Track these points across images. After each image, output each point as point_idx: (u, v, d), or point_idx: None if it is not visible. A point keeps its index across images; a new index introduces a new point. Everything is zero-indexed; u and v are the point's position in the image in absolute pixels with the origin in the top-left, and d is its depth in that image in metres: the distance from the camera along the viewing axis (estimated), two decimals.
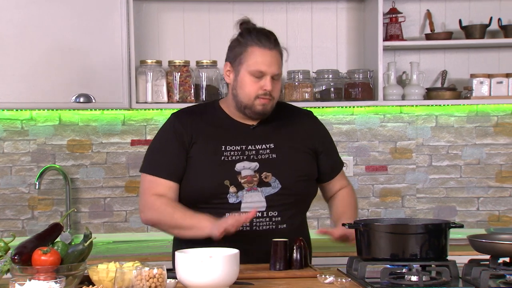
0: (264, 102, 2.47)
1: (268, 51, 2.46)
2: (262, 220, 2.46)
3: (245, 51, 2.47)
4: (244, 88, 2.48)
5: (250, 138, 2.52)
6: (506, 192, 3.94)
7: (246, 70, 2.47)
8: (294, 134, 2.57)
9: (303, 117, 2.65)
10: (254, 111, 2.49)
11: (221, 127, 2.54)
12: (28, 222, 3.79)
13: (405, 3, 3.89)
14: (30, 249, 2.00)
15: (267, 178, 2.47)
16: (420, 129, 3.92)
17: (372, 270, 2.16)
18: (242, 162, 2.48)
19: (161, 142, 2.57)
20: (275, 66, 2.46)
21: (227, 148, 2.50)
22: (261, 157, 2.49)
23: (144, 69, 3.64)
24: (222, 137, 2.52)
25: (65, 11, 3.47)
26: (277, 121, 2.57)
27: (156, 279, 1.88)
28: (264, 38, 2.46)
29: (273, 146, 2.52)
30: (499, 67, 3.90)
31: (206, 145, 2.50)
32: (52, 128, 3.78)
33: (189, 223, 2.42)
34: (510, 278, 2.05)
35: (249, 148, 2.50)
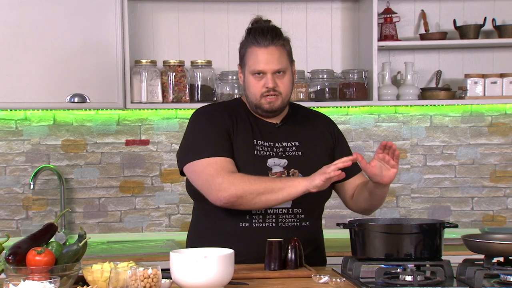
0: (270, 100, 2.48)
1: (264, 48, 2.45)
2: (287, 217, 2.47)
3: (246, 53, 2.50)
4: (250, 89, 2.51)
5: (276, 135, 2.54)
6: (500, 192, 3.95)
7: (248, 71, 2.50)
8: (316, 133, 2.60)
9: (322, 118, 2.68)
10: (262, 110, 2.51)
11: (249, 122, 2.54)
12: (23, 222, 3.78)
13: (399, 3, 3.89)
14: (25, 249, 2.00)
15: (294, 175, 2.48)
16: (414, 129, 3.93)
17: (366, 270, 2.16)
18: (272, 158, 2.49)
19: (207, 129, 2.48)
20: (273, 62, 2.45)
21: (258, 142, 2.51)
22: (289, 154, 2.51)
23: (138, 69, 3.64)
24: (253, 132, 2.52)
25: (59, 11, 3.47)
26: (300, 121, 2.60)
27: (151, 279, 1.88)
28: (260, 36, 2.46)
29: (298, 144, 2.54)
30: (493, 67, 3.91)
31: (241, 137, 2.50)
32: (47, 128, 3.78)
33: (280, 184, 2.35)
34: (504, 278, 2.05)
35: (276, 145, 2.52)
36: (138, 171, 3.83)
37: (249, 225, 2.46)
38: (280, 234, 2.39)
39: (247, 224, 2.46)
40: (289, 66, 2.52)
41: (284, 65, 2.48)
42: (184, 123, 3.84)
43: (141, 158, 3.83)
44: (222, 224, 2.48)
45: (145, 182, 3.84)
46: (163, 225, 3.84)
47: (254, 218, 2.46)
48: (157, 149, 3.84)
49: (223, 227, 2.48)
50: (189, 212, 3.85)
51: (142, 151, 3.83)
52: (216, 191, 2.37)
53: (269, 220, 2.46)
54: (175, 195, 3.85)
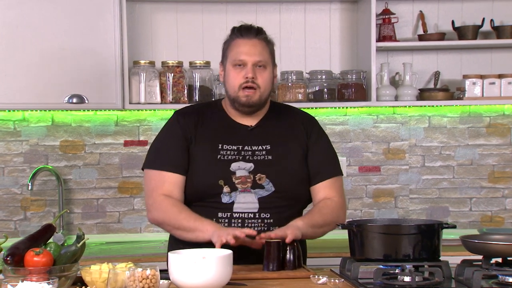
0: (248, 93, 2.47)
1: (248, 40, 2.48)
2: (254, 221, 2.46)
3: (229, 46, 2.53)
4: (229, 80, 2.51)
5: (247, 138, 2.53)
6: (498, 192, 3.95)
7: (230, 63, 2.51)
8: (291, 136, 2.57)
9: (304, 119, 2.63)
10: (239, 103, 2.50)
11: (220, 126, 2.55)
12: (21, 223, 3.78)
13: (398, 4, 3.89)
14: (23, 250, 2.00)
15: (261, 180, 2.47)
16: (413, 129, 3.93)
17: (365, 270, 2.16)
18: (237, 162, 2.49)
19: (165, 138, 2.58)
20: (256, 55, 2.47)
21: (224, 147, 2.51)
22: (257, 158, 2.50)
23: (137, 70, 3.64)
24: (220, 136, 2.53)
25: (58, 12, 3.47)
26: (276, 123, 2.57)
27: (149, 280, 1.88)
28: (245, 30, 2.51)
29: (269, 147, 2.52)
30: (492, 68, 3.91)
31: (204, 144, 2.52)
32: (45, 129, 3.78)
33: (192, 225, 2.41)
34: (502, 279, 2.05)
35: (245, 148, 2.51)
36: (137, 171, 3.83)
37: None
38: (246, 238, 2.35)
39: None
40: (271, 64, 2.53)
41: (265, 58, 2.49)
42: None
43: (140, 159, 3.83)
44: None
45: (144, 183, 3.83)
46: None
47: (220, 222, 2.46)
48: None
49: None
50: None
51: (141, 152, 3.82)
52: (147, 209, 2.57)
53: (234, 224, 2.45)
54: None
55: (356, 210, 3.90)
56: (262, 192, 2.47)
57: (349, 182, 3.88)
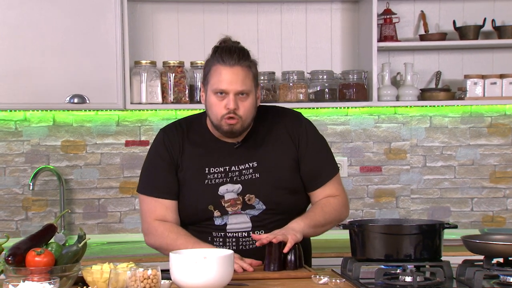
0: (230, 122, 2.38)
1: (229, 68, 2.35)
2: (248, 240, 2.45)
3: (209, 71, 2.41)
4: (211, 108, 2.41)
5: (234, 158, 2.47)
6: (500, 192, 3.95)
7: (210, 90, 2.40)
8: (278, 146, 2.48)
9: (288, 122, 2.52)
10: (222, 131, 2.42)
11: (206, 146, 2.49)
12: (22, 223, 3.78)
13: (399, 4, 3.89)
14: (24, 250, 2.00)
15: (251, 200, 2.44)
16: (414, 129, 3.93)
17: (366, 270, 2.16)
18: (225, 184, 2.45)
19: (153, 161, 2.55)
20: (237, 83, 2.35)
21: (210, 170, 2.46)
22: (244, 178, 2.45)
23: (138, 70, 3.64)
24: (206, 158, 2.47)
25: (59, 12, 3.47)
26: (261, 135, 2.49)
27: (151, 280, 1.88)
28: (226, 54, 2.37)
29: (256, 164, 2.46)
30: (493, 68, 3.91)
31: (191, 167, 2.48)
32: (46, 129, 3.78)
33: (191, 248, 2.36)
34: (504, 279, 2.05)
35: (232, 169, 2.46)
36: (138, 172, 3.79)
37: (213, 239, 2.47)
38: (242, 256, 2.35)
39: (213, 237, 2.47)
40: (253, 89, 2.41)
41: (248, 87, 2.37)
42: None
43: (141, 159, 3.82)
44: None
45: None
46: None
47: (215, 241, 2.46)
48: None
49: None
50: None
51: (142, 152, 3.83)
52: (143, 233, 2.57)
53: (229, 244, 2.45)
54: None
55: (357, 210, 3.89)
56: (254, 211, 2.45)
57: (350, 182, 3.88)
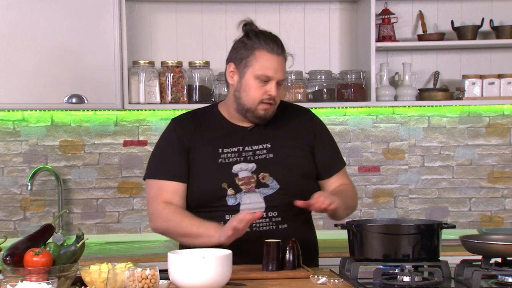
0: (267, 107, 2.46)
1: (276, 56, 2.45)
2: (262, 221, 2.45)
3: (252, 54, 2.45)
4: (248, 91, 2.46)
5: (247, 139, 2.52)
6: (498, 192, 3.95)
7: (252, 73, 2.45)
8: (291, 132, 2.57)
9: (300, 114, 2.63)
10: (256, 115, 2.48)
11: (218, 130, 2.54)
12: (20, 223, 3.78)
13: (397, 4, 3.90)
14: (22, 250, 2.00)
15: (265, 178, 2.47)
16: (412, 129, 3.93)
17: (364, 270, 2.17)
18: (239, 163, 2.47)
19: (163, 147, 2.56)
20: (281, 72, 2.46)
21: (224, 150, 2.49)
22: (258, 158, 2.49)
23: (136, 70, 3.64)
24: (219, 140, 2.51)
25: (57, 12, 3.47)
26: (274, 121, 2.56)
27: (149, 280, 1.88)
28: (273, 42, 2.46)
29: (269, 146, 2.51)
30: (491, 68, 3.91)
31: (203, 149, 2.50)
32: (44, 129, 3.78)
33: (196, 231, 2.39)
34: (502, 279, 2.05)
35: (246, 149, 2.50)
36: (136, 172, 3.83)
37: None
38: (255, 237, 2.38)
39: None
40: None
41: (285, 77, 2.51)
42: None
43: (139, 159, 3.83)
44: None
45: (143, 183, 3.83)
46: None
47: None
48: None
49: None
50: None
51: (140, 152, 3.83)
52: (149, 218, 2.55)
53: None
54: None
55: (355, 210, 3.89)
56: (267, 190, 2.46)
57: None
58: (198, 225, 2.40)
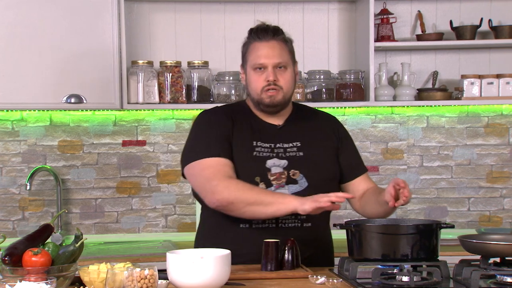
0: (271, 94, 2.49)
1: (265, 42, 2.49)
2: (288, 218, 2.45)
3: (247, 50, 2.54)
4: (251, 84, 2.52)
5: (277, 137, 2.55)
6: (496, 192, 3.95)
7: (250, 66, 2.52)
8: (318, 134, 2.60)
9: (328, 119, 2.69)
10: (264, 104, 2.51)
11: (251, 125, 2.56)
12: (19, 223, 3.78)
13: (396, 4, 3.90)
14: (21, 250, 2.00)
15: (295, 175, 2.49)
16: (411, 129, 3.93)
17: (363, 270, 2.17)
18: (272, 159, 2.50)
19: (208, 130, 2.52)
20: (275, 56, 2.48)
21: (257, 144, 2.52)
22: (290, 155, 2.52)
23: (135, 70, 3.64)
24: (253, 134, 2.54)
25: (56, 11, 3.46)
26: (302, 122, 2.61)
27: (148, 280, 1.88)
28: (262, 32, 2.51)
29: (299, 144, 2.54)
30: (490, 68, 3.91)
31: (240, 140, 2.51)
32: (43, 129, 3.77)
33: (271, 198, 2.36)
34: (500, 278, 2.05)
35: (277, 146, 2.53)
36: (135, 171, 3.83)
37: (249, 225, 2.46)
38: (280, 235, 2.38)
39: (247, 225, 2.46)
40: (291, 63, 2.54)
41: (285, 60, 2.50)
42: (181, 124, 3.84)
43: (138, 158, 3.83)
44: (224, 225, 2.49)
45: (142, 183, 3.84)
46: (159, 225, 3.84)
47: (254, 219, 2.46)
48: (154, 150, 3.84)
49: (225, 228, 2.49)
50: (186, 212, 3.86)
51: (139, 151, 3.83)
52: (211, 193, 2.40)
53: (268, 221, 2.46)
54: (171, 195, 3.85)
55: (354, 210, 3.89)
56: (295, 187, 2.47)
57: None
58: (273, 193, 2.39)
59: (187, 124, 3.83)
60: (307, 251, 2.43)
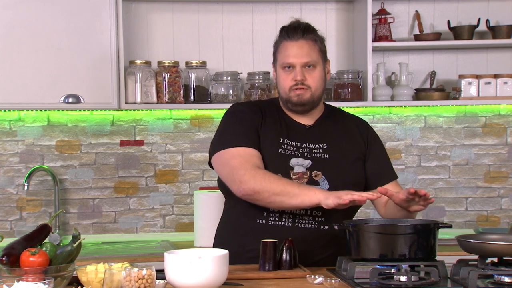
0: (299, 92, 2.50)
1: (294, 42, 2.50)
2: (305, 218, 2.45)
3: (277, 49, 2.56)
4: (279, 83, 2.54)
5: (305, 136, 2.55)
6: (494, 192, 3.96)
7: (279, 65, 2.54)
8: (347, 137, 2.59)
9: (358, 122, 2.67)
10: (292, 103, 2.52)
11: (280, 122, 2.56)
12: (17, 223, 3.77)
13: (394, 4, 3.90)
14: (18, 250, 1.99)
15: (317, 176, 2.48)
16: (409, 129, 3.94)
17: (361, 270, 2.16)
18: (297, 158, 2.50)
19: (238, 121, 2.54)
20: (303, 56, 2.49)
21: (284, 141, 2.52)
22: (314, 156, 2.51)
23: (133, 70, 3.63)
24: (281, 131, 2.54)
25: (54, 11, 3.46)
26: (332, 124, 2.60)
27: (145, 280, 1.87)
28: (292, 30, 2.52)
29: (326, 146, 2.54)
30: (487, 68, 3.92)
31: (267, 136, 2.52)
32: (41, 129, 3.77)
33: (297, 189, 2.36)
34: (498, 278, 2.06)
35: (303, 146, 2.53)
36: (133, 171, 3.83)
37: (266, 222, 2.46)
38: (296, 234, 2.38)
39: (263, 221, 2.47)
40: (321, 62, 2.54)
41: (314, 59, 2.51)
42: (179, 124, 3.84)
43: (136, 158, 3.83)
44: (242, 220, 2.51)
45: (140, 183, 3.84)
46: (157, 225, 3.84)
47: (271, 216, 2.46)
48: (152, 150, 3.84)
49: (242, 223, 2.50)
50: (184, 212, 3.86)
51: (137, 151, 3.82)
52: (238, 182, 2.41)
53: (285, 219, 2.46)
54: (169, 195, 3.85)
55: None
56: None
57: None
58: (299, 184, 2.39)
59: (185, 124, 3.83)
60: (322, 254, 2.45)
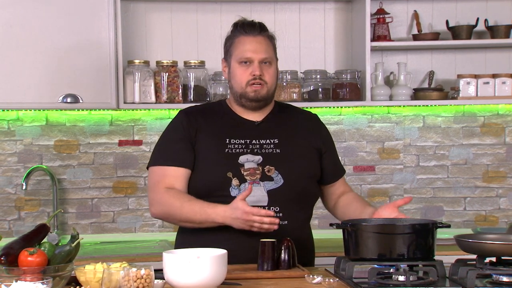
0: (256, 88, 2.52)
1: (252, 37, 2.53)
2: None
3: (233, 43, 2.57)
4: (235, 77, 2.54)
5: (255, 133, 2.56)
6: (492, 192, 3.96)
7: (235, 60, 2.54)
8: (298, 132, 2.61)
9: (309, 117, 2.71)
10: (248, 98, 2.53)
11: (227, 123, 2.58)
12: (15, 223, 3.77)
13: (392, 3, 3.90)
14: (17, 250, 1.99)
15: (270, 171, 2.49)
16: (407, 129, 3.94)
17: (359, 270, 2.17)
18: (245, 155, 2.51)
19: (168, 136, 2.60)
20: (261, 52, 2.52)
21: (231, 141, 2.53)
22: (265, 151, 2.52)
23: (131, 69, 3.63)
24: (227, 131, 2.55)
25: (52, 11, 3.46)
26: (282, 119, 2.62)
27: (144, 280, 1.88)
28: (249, 27, 2.55)
29: (277, 141, 2.55)
30: (486, 67, 3.92)
31: (211, 139, 2.54)
32: (39, 129, 3.77)
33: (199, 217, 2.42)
34: (496, 278, 2.06)
35: (253, 142, 2.54)
36: (131, 171, 3.83)
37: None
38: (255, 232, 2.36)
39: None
40: (275, 60, 2.59)
41: (270, 55, 2.55)
42: None
43: (134, 158, 3.83)
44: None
45: (138, 183, 3.83)
46: (156, 225, 3.84)
47: None
48: (150, 150, 3.83)
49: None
50: None
51: (135, 151, 3.82)
52: (149, 204, 2.57)
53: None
54: None
55: None
56: (271, 184, 2.48)
57: None
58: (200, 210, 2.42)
59: None
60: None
